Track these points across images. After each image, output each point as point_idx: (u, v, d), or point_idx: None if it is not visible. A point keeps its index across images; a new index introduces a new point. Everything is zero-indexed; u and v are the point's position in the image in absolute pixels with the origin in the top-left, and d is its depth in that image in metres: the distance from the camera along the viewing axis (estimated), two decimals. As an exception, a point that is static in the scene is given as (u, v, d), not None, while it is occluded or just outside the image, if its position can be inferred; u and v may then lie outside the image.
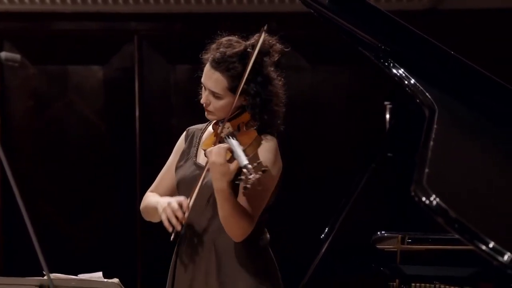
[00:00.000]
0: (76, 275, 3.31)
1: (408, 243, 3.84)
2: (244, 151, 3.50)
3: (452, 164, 3.12)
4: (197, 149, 3.83)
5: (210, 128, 3.81)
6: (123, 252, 6.82)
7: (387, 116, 3.70)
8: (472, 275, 3.77)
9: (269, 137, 3.70)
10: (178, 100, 6.96)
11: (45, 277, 2.85)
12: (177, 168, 3.85)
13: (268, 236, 3.79)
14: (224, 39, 3.73)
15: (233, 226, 3.59)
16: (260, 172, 3.37)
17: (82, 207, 6.86)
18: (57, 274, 3.12)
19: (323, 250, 3.56)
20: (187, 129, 3.95)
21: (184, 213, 3.62)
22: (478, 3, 6.73)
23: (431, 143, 3.05)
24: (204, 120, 3.81)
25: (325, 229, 3.59)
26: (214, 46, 3.73)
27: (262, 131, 3.70)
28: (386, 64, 3.44)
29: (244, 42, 3.72)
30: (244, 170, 3.38)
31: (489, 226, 2.85)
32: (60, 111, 7.02)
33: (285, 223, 6.83)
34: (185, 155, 3.86)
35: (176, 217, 3.60)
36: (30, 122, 7.02)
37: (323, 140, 6.91)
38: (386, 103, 3.72)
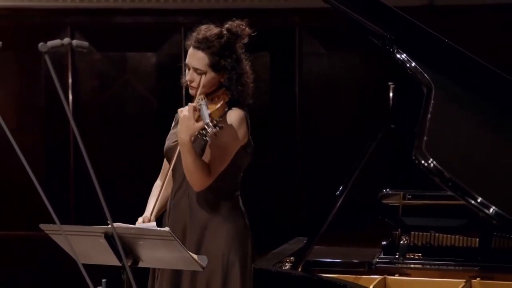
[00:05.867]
0: (134, 224, 3.32)
1: (409, 199, 3.82)
2: (210, 114, 3.47)
3: (447, 133, 3.11)
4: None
5: None
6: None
7: (391, 94, 3.66)
8: (462, 225, 3.76)
9: (236, 108, 3.64)
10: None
11: (109, 226, 2.85)
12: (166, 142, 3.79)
13: (238, 194, 3.72)
14: (203, 26, 3.70)
15: (193, 176, 3.53)
16: (217, 128, 3.36)
17: (136, 166, 6.89)
18: (118, 223, 3.12)
19: (338, 204, 3.54)
20: (178, 110, 3.91)
21: None
22: (468, 0, 6.68)
23: (429, 115, 3.03)
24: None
25: (340, 187, 3.57)
26: (194, 33, 3.69)
27: (233, 104, 3.65)
28: (391, 50, 3.42)
29: (220, 27, 3.68)
30: (205, 126, 3.37)
31: (478, 184, 2.84)
32: (120, 89, 7.05)
33: (308, 180, 6.84)
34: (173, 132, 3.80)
35: None
36: (96, 98, 7.05)
37: (338, 114, 6.89)
38: (389, 83, 3.69)
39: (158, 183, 3.88)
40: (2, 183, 6.91)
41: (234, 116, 3.63)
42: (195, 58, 3.66)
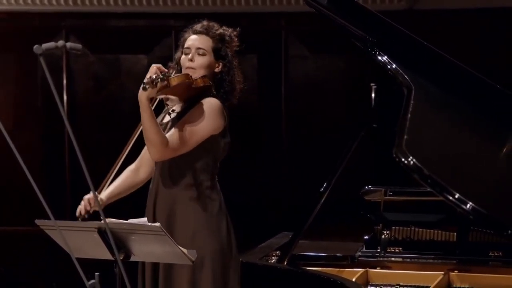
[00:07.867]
0: (126, 220, 3.31)
1: (390, 195, 3.83)
2: (169, 78, 3.42)
3: (426, 132, 3.11)
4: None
5: None
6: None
7: (373, 95, 3.67)
8: (441, 220, 3.76)
9: (213, 98, 3.55)
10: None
11: (102, 221, 2.84)
12: None
13: (213, 183, 3.57)
14: (203, 21, 3.70)
15: (149, 141, 3.55)
16: (158, 79, 3.37)
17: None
18: (111, 219, 3.11)
19: (322, 200, 3.54)
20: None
21: (90, 208, 3.61)
22: (446, 4, 6.68)
23: (409, 115, 3.04)
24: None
25: (324, 183, 3.57)
26: (195, 25, 3.69)
27: (214, 93, 3.59)
28: (373, 52, 3.42)
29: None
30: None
31: (456, 181, 2.84)
32: (114, 90, 7.02)
33: (294, 177, 6.84)
34: None
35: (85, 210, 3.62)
36: (91, 98, 7.02)
37: (322, 115, 6.89)
38: (371, 84, 3.69)
39: (131, 167, 3.88)
40: (3, 181, 6.89)
41: (209, 101, 3.53)
42: (200, 40, 3.63)
